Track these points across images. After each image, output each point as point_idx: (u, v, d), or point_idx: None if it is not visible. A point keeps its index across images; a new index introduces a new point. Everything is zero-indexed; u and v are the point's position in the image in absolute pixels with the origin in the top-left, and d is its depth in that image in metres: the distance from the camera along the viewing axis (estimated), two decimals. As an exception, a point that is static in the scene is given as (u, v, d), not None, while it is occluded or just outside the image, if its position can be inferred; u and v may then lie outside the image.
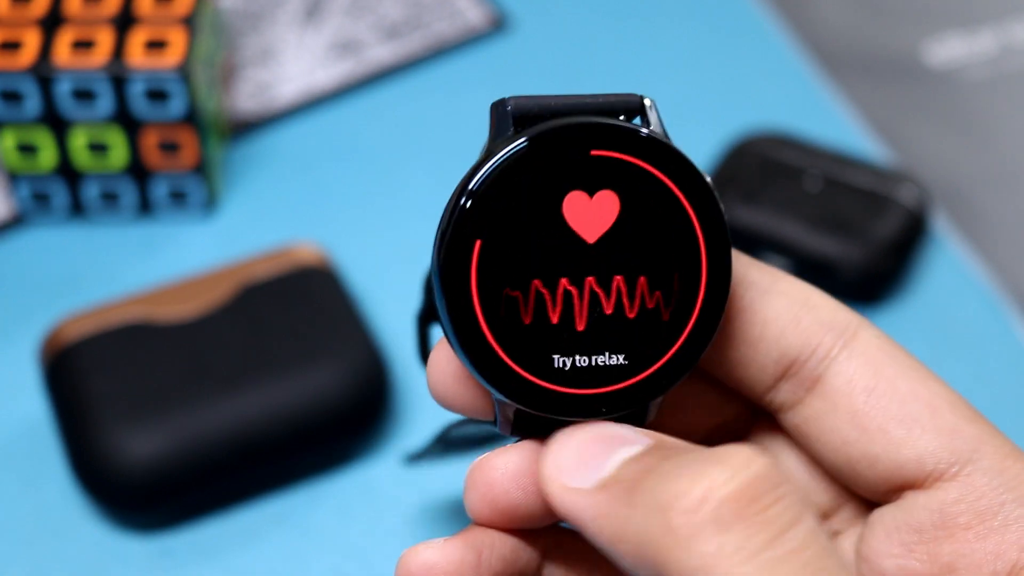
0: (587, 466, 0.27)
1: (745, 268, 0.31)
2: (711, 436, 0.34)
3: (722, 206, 0.28)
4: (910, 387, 0.30)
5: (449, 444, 0.43)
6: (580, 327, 0.28)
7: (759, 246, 0.60)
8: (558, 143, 0.27)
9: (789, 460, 0.32)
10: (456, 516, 0.53)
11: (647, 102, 0.29)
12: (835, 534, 0.32)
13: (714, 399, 0.33)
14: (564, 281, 0.28)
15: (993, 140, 0.69)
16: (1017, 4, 0.76)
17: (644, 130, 0.28)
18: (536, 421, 0.29)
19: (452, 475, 0.54)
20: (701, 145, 0.66)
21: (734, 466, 0.25)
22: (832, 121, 0.67)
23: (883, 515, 0.31)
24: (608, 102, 0.28)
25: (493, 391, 0.28)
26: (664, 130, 0.29)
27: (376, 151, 0.66)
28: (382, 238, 0.62)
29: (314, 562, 0.51)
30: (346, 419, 0.52)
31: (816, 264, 0.59)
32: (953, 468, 0.29)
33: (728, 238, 0.28)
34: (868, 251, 0.59)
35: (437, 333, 0.53)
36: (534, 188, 0.27)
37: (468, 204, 0.27)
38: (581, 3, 0.73)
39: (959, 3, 0.76)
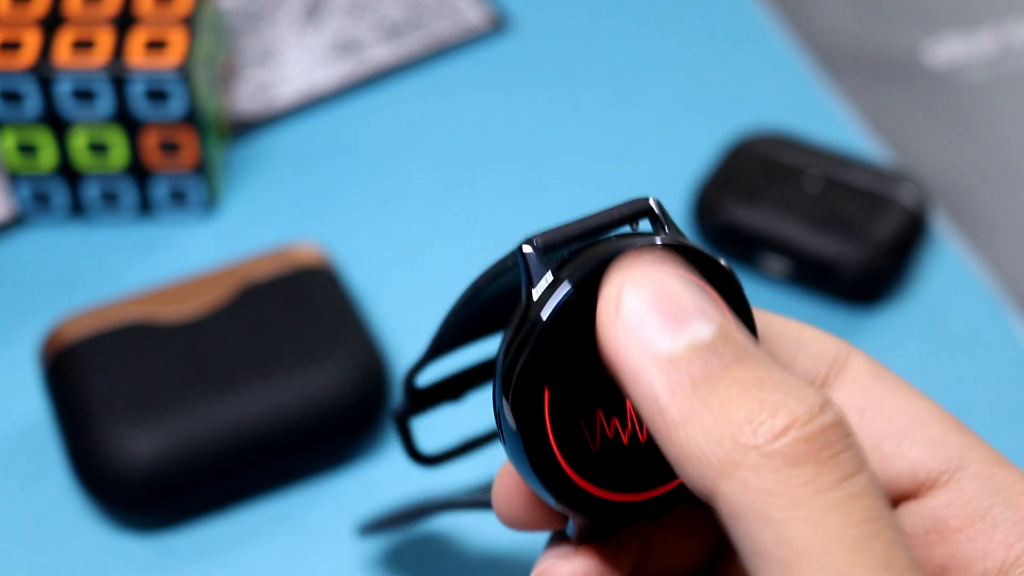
0: (661, 328, 0.27)
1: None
2: None
3: (743, 291, 0.30)
4: (898, 405, 0.31)
5: (404, 516, 0.45)
6: (640, 442, 0.29)
7: (759, 246, 0.60)
8: (596, 279, 0.29)
9: None
10: (455, 515, 0.53)
11: (653, 204, 0.30)
12: None
13: None
14: (621, 405, 0.29)
15: (993, 140, 0.69)
16: (1017, 4, 0.76)
17: (664, 241, 0.29)
18: (605, 529, 0.31)
19: (453, 474, 0.54)
20: (701, 145, 0.66)
21: (812, 407, 0.26)
22: (832, 121, 0.67)
23: None
24: (621, 214, 0.30)
25: (577, 516, 0.30)
26: (675, 224, 0.30)
27: (376, 151, 0.66)
28: (382, 238, 0.62)
29: (314, 562, 0.51)
30: (346, 419, 0.52)
31: (816, 264, 0.59)
32: (944, 476, 0.30)
33: (755, 328, 0.30)
34: (868, 251, 0.59)
35: (418, 427, 0.54)
36: (586, 326, 0.29)
37: (531, 354, 0.28)
38: (581, 3, 0.73)
39: (959, 3, 0.76)
